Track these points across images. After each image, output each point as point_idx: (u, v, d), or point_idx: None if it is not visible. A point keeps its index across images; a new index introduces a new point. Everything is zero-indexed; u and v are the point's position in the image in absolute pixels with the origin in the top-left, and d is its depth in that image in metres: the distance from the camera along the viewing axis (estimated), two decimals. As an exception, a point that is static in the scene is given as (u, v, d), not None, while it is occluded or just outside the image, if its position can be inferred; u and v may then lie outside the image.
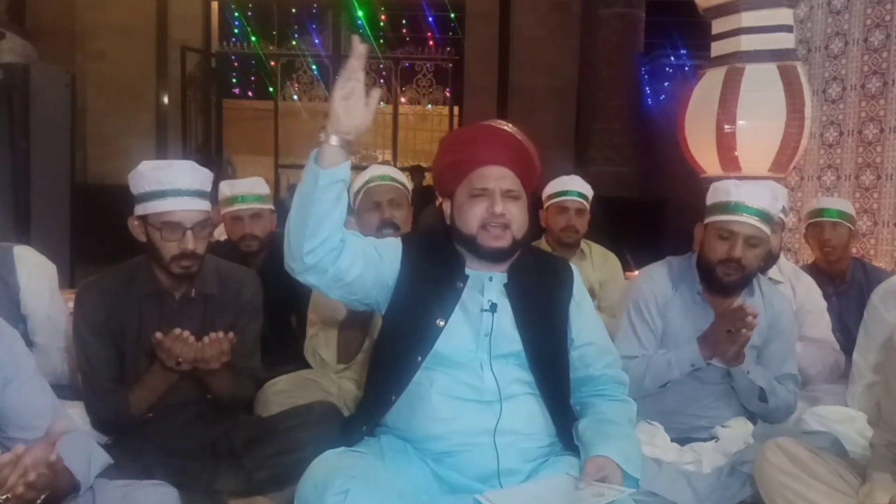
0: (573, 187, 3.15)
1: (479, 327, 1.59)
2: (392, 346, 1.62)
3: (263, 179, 2.93)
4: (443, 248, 1.67)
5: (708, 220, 2.05)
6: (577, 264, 3.09)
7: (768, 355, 2.09)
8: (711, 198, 2.06)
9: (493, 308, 1.59)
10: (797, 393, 2.10)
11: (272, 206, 2.86)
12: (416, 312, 1.59)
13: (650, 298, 2.10)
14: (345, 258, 1.50)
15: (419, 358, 1.57)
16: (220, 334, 1.78)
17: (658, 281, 2.13)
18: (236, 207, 2.75)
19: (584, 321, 1.71)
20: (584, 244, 3.24)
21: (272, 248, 2.80)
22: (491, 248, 1.59)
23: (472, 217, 1.59)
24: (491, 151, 1.61)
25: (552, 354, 1.65)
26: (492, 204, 1.57)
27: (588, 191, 3.19)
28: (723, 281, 2.00)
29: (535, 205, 3.19)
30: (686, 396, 2.07)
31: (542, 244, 3.21)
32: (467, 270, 1.63)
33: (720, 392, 2.08)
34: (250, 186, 2.80)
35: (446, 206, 1.68)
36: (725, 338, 1.91)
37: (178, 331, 1.74)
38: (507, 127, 1.65)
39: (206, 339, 1.77)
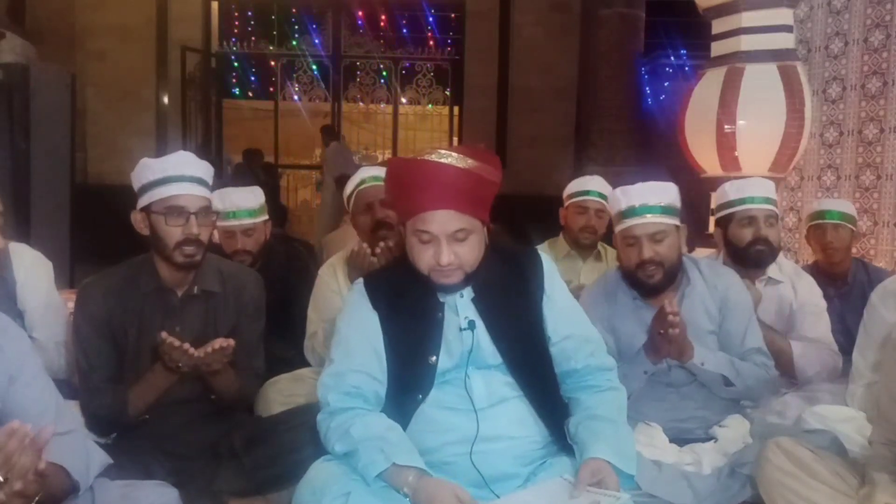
0: (594, 188, 3.13)
1: (460, 346, 1.59)
2: (389, 387, 1.61)
3: (258, 189, 2.79)
4: (411, 281, 1.62)
5: (616, 230, 2.09)
6: (592, 265, 3.14)
7: (727, 335, 2.10)
8: (611, 210, 2.10)
9: (472, 325, 1.59)
10: (768, 364, 2.10)
11: (266, 217, 2.75)
12: (406, 355, 1.59)
13: (594, 317, 2.11)
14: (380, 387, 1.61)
15: (419, 396, 1.57)
16: (223, 341, 1.78)
17: (595, 299, 2.14)
18: (228, 223, 2.65)
19: (559, 314, 1.68)
20: (600, 246, 3.23)
21: (267, 254, 2.77)
22: (443, 284, 1.58)
23: (420, 261, 1.56)
24: (434, 196, 1.51)
25: (533, 359, 1.64)
26: (438, 252, 1.52)
27: (609, 192, 3.18)
28: (648, 283, 2.03)
29: (553, 204, 3.20)
30: (667, 404, 2.07)
31: (560, 242, 3.22)
32: (441, 297, 1.61)
33: (695, 391, 2.08)
34: (242, 200, 2.66)
35: (403, 231, 1.63)
36: (661, 340, 1.92)
37: (177, 342, 1.74)
38: (450, 158, 1.51)
39: (207, 347, 1.77)
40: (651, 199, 2.01)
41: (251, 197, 2.69)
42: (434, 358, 1.57)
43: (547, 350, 1.67)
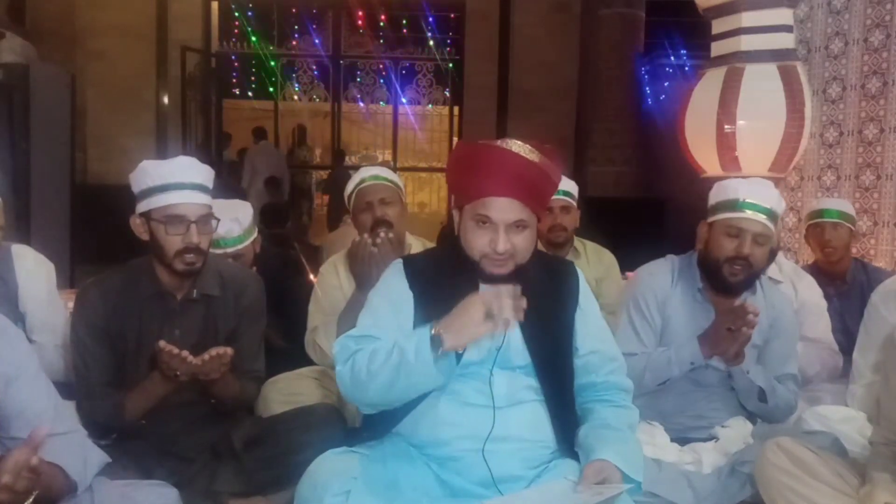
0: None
1: (490, 342, 1.57)
2: None
3: (248, 207, 2.61)
4: (453, 271, 1.62)
5: (714, 218, 2.04)
6: None
7: (769, 355, 2.09)
8: (717, 196, 2.05)
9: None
10: (798, 393, 2.10)
11: (253, 236, 2.59)
12: None
13: (649, 295, 2.10)
14: None
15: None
16: (220, 350, 1.77)
17: (658, 278, 2.13)
18: (216, 251, 2.39)
19: (590, 329, 1.69)
20: (577, 242, 3.22)
21: (262, 255, 2.73)
22: (492, 273, 1.57)
23: (474, 247, 1.56)
24: (500, 183, 1.51)
25: (559, 365, 1.64)
26: (495, 239, 1.52)
27: (572, 187, 3.16)
28: (728, 280, 2.00)
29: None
30: (684, 398, 2.07)
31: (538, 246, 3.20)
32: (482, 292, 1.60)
33: (718, 393, 2.08)
34: (226, 231, 2.42)
35: (455, 215, 1.65)
36: (726, 336, 1.91)
37: (175, 350, 1.73)
38: (520, 148, 1.53)
39: (205, 355, 1.76)
40: (766, 200, 1.97)
41: (236, 226, 2.50)
42: (461, 349, 1.55)
43: (572, 359, 1.66)
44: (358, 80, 9.91)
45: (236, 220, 2.50)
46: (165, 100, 8.92)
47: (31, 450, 1.17)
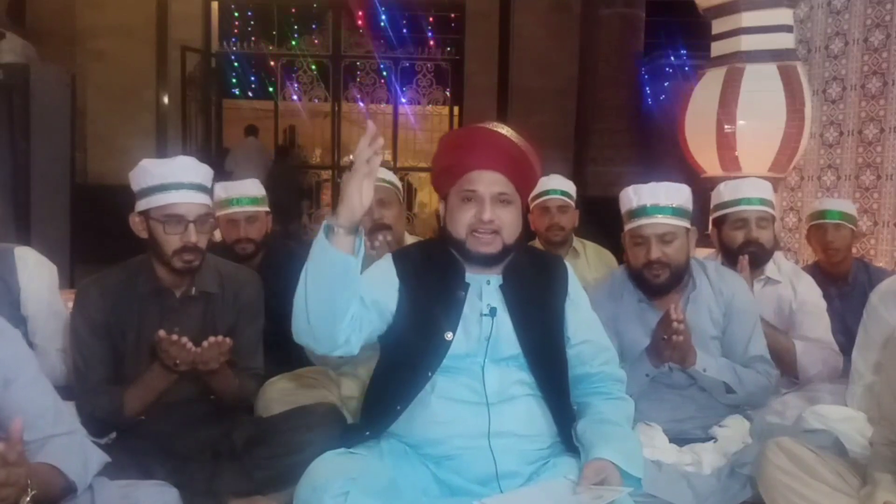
0: (553, 186, 3.15)
1: (479, 332, 1.59)
2: (400, 361, 1.60)
3: (258, 181, 2.89)
4: (439, 257, 1.65)
5: (625, 228, 2.09)
6: (571, 263, 3.10)
7: (731, 341, 2.10)
8: (622, 206, 2.11)
9: (493, 312, 1.59)
10: (770, 372, 2.11)
11: (268, 208, 2.83)
12: (422, 328, 1.58)
13: (601, 320, 2.11)
14: (365, 325, 1.52)
15: (429, 373, 1.57)
16: (219, 338, 1.78)
17: (600, 301, 2.12)
18: (231, 210, 2.73)
19: (580, 319, 1.71)
20: (577, 242, 3.23)
21: (269, 249, 2.80)
22: (479, 253, 1.59)
23: (460, 223, 1.58)
24: (484, 156, 1.58)
25: (551, 355, 1.64)
26: (480, 210, 1.56)
27: (570, 187, 3.19)
28: (654, 283, 2.03)
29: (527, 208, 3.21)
30: (667, 404, 2.07)
31: (536, 246, 3.22)
32: (468, 278, 1.62)
33: (694, 393, 2.08)
34: (245, 189, 2.77)
35: (441, 208, 1.68)
36: (664, 345, 1.92)
37: (175, 337, 1.74)
38: (504, 130, 1.62)
39: (204, 343, 1.77)
40: (662, 199, 2.01)
41: (253, 186, 2.80)
42: (450, 335, 1.57)
43: (564, 349, 1.68)
44: (358, 80, 9.89)
45: (253, 183, 2.83)
46: (165, 100, 8.92)
47: (10, 446, 1.16)
